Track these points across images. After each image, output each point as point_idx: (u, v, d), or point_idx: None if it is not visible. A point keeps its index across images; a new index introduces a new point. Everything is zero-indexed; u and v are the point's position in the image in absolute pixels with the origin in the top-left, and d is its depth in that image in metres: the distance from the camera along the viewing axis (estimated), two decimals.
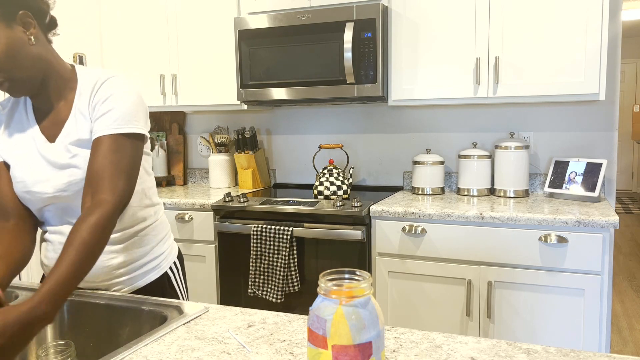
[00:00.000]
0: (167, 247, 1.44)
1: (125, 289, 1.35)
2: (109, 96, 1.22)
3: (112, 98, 1.22)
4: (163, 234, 1.43)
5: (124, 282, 1.35)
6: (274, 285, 2.50)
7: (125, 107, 1.22)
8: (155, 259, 1.39)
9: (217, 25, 2.96)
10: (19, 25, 1.15)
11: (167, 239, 1.45)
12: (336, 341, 0.73)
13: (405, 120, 2.99)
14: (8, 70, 1.15)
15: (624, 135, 8.92)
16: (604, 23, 2.27)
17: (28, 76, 1.18)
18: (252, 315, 1.12)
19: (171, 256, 1.45)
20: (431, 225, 2.33)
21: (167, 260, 1.43)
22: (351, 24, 2.53)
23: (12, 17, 1.14)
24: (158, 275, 1.39)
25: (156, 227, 1.40)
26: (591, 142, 2.67)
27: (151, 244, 1.38)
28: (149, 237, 1.38)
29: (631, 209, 7.81)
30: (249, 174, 3.13)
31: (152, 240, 1.38)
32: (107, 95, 1.22)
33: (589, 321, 2.13)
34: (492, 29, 2.44)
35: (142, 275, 1.37)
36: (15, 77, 1.17)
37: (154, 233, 1.39)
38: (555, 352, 0.90)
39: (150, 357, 0.94)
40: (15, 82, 1.18)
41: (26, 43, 1.16)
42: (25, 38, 1.16)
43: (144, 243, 1.36)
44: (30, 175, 1.25)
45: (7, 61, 1.14)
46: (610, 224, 2.07)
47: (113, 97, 1.22)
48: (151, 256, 1.38)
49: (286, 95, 2.72)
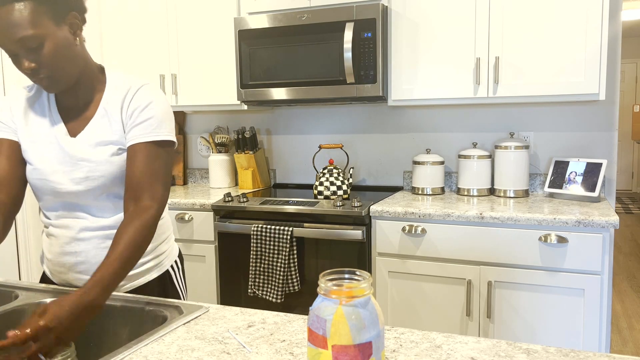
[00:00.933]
0: (169, 246, 1.47)
1: (127, 285, 1.37)
2: (148, 104, 1.26)
3: (151, 106, 1.26)
4: (167, 234, 1.45)
5: (128, 278, 1.36)
6: (274, 285, 2.50)
7: (161, 116, 1.27)
8: (157, 257, 1.41)
9: (217, 25, 2.96)
10: (66, 26, 1.19)
11: (169, 238, 1.47)
12: (336, 341, 0.73)
13: (405, 120, 2.99)
14: (52, 68, 1.18)
15: (624, 135, 8.92)
16: (604, 23, 2.27)
17: (68, 74, 1.22)
18: (252, 315, 1.12)
19: (172, 255, 1.47)
20: (431, 225, 2.33)
21: (168, 259, 1.45)
22: (351, 24, 2.53)
23: (63, 18, 1.18)
24: (160, 273, 1.42)
25: (161, 226, 1.43)
26: (591, 142, 2.67)
27: (155, 242, 1.40)
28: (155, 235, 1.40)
29: (631, 209, 7.81)
30: (249, 174, 3.13)
31: (156, 239, 1.41)
32: (145, 104, 1.26)
33: (589, 321, 2.13)
34: (492, 29, 2.44)
35: (145, 272, 1.39)
36: (56, 75, 1.20)
37: (159, 232, 1.41)
38: (555, 352, 0.90)
39: (150, 357, 0.94)
40: (55, 79, 1.20)
41: (72, 43, 1.20)
42: (71, 38, 1.20)
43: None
44: (48, 165, 1.28)
45: (53, 60, 1.17)
46: (610, 224, 2.07)
47: (151, 106, 1.26)
48: (154, 254, 1.40)
49: (286, 95, 2.72)
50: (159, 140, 1.25)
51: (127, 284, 1.37)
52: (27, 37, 1.12)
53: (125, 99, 1.27)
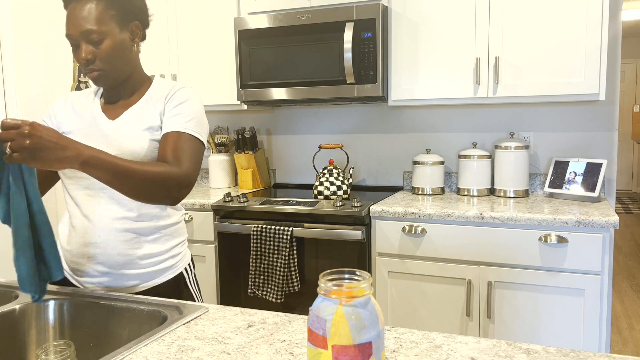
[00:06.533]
0: (184, 249, 1.51)
1: (143, 284, 1.39)
2: (185, 101, 1.37)
3: (187, 103, 1.37)
4: (182, 238, 1.50)
5: (141, 277, 1.38)
6: (274, 285, 2.50)
7: (195, 114, 1.37)
8: (172, 257, 1.44)
9: (217, 25, 2.96)
10: (128, 32, 1.35)
11: (184, 243, 1.51)
12: (336, 341, 0.73)
13: (405, 120, 2.99)
14: (105, 63, 1.32)
15: (624, 135, 8.92)
16: (604, 23, 2.27)
17: (118, 72, 1.35)
18: (252, 315, 1.12)
19: (186, 258, 1.51)
20: (431, 225, 2.33)
21: (182, 261, 1.48)
22: (351, 24, 2.53)
23: (126, 25, 1.35)
24: (174, 275, 1.45)
25: (178, 229, 1.48)
26: (591, 142, 2.67)
27: (171, 243, 1.44)
28: (171, 237, 1.44)
29: (631, 209, 7.81)
30: (249, 174, 3.13)
31: (173, 241, 1.45)
32: (183, 100, 1.37)
33: (589, 321, 2.13)
34: (492, 29, 2.44)
35: (159, 272, 1.41)
36: (107, 69, 1.33)
37: (176, 234, 1.46)
38: (555, 352, 0.90)
39: (150, 357, 0.94)
40: (105, 73, 1.33)
41: (129, 48, 1.36)
42: (129, 44, 1.36)
43: (166, 241, 1.42)
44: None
45: (109, 57, 1.32)
46: (610, 224, 2.07)
47: (187, 103, 1.37)
48: (169, 254, 1.43)
49: (286, 95, 2.72)
50: (188, 133, 1.33)
51: (142, 283, 1.39)
52: (91, 31, 1.28)
53: (169, 93, 1.38)
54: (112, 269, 1.36)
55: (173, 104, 1.36)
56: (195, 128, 1.35)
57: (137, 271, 1.37)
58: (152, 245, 1.39)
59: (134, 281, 1.38)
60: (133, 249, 1.36)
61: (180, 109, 1.36)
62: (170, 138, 1.32)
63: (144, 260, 1.38)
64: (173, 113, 1.35)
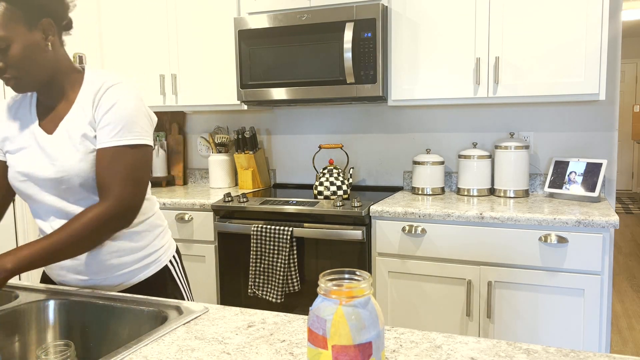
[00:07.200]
0: (166, 241, 1.46)
1: (125, 283, 1.37)
2: (112, 106, 1.25)
3: (115, 108, 1.25)
4: (159, 229, 1.44)
5: (124, 276, 1.36)
6: (274, 285, 2.50)
7: (126, 118, 1.25)
8: (154, 252, 1.41)
9: (217, 25, 2.96)
10: (39, 31, 1.21)
11: (164, 233, 1.47)
12: (336, 341, 0.73)
13: (405, 120, 2.99)
14: (18, 70, 1.21)
15: (624, 135, 8.92)
16: (604, 23, 2.27)
17: (34, 77, 1.24)
18: (252, 315, 1.12)
19: (170, 250, 1.47)
20: (431, 225, 2.33)
21: (166, 254, 1.45)
22: (351, 24, 2.53)
23: (35, 23, 1.20)
24: (158, 269, 1.42)
25: (153, 221, 1.42)
26: (591, 142, 2.67)
27: (149, 237, 1.40)
28: (147, 232, 1.40)
29: (631, 209, 7.81)
30: (249, 174, 3.13)
31: (150, 234, 1.40)
32: (110, 105, 1.25)
33: (589, 321, 2.13)
34: (492, 29, 2.44)
35: (142, 268, 1.39)
36: (21, 76, 1.22)
37: (149, 227, 1.41)
38: (555, 352, 0.90)
39: (150, 357, 0.94)
40: (21, 80, 1.23)
41: (43, 49, 1.23)
42: (43, 44, 1.22)
43: (142, 237, 1.38)
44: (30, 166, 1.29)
45: (21, 62, 1.20)
46: (610, 224, 2.06)
47: (115, 107, 1.25)
48: (150, 250, 1.40)
49: (286, 95, 2.72)
50: (118, 146, 1.24)
51: (125, 282, 1.37)
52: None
53: (96, 97, 1.27)
54: (93, 276, 1.35)
55: (101, 113, 1.25)
56: (128, 135, 1.24)
57: (118, 272, 1.36)
58: (130, 245, 1.36)
59: (117, 281, 1.36)
60: (110, 253, 1.34)
61: (108, 118, 1.24)
62: (100, 159, 1.25)
63: (124, 260, 1.35)
64: (102, 124, 1.25)
